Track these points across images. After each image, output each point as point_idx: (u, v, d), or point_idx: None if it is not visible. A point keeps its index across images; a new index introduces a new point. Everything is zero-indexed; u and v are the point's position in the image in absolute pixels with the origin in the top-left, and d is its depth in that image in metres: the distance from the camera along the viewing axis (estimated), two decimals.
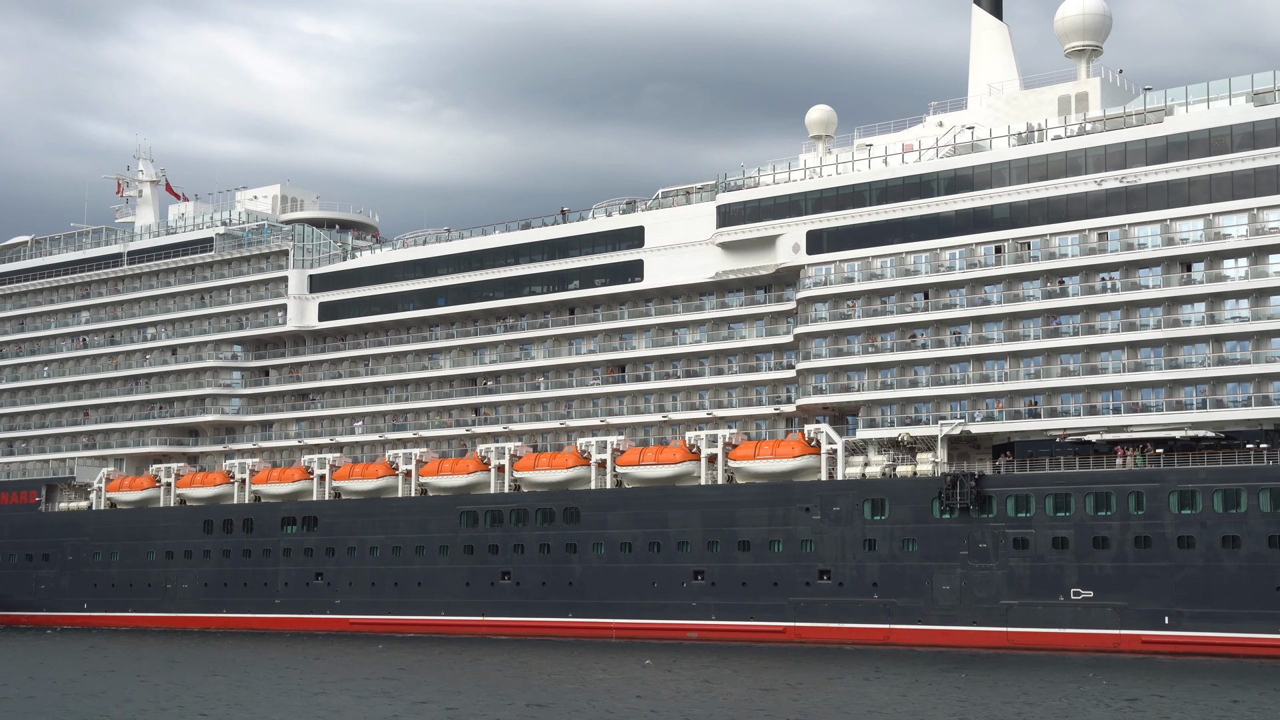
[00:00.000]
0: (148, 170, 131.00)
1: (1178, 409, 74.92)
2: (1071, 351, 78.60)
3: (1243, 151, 74.09)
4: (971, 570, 78.30)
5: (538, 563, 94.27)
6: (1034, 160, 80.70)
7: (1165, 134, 76.53)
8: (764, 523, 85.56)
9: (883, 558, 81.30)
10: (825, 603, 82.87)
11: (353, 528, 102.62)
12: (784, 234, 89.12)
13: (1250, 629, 70.03)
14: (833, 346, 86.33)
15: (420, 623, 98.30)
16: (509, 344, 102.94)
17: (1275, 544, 69.89)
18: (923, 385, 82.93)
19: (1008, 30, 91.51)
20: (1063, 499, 75.86)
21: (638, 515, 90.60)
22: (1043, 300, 79.59)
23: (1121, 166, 77.72)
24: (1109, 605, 74.03)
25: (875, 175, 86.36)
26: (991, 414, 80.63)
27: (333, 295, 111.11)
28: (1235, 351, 74.02)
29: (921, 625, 79.53)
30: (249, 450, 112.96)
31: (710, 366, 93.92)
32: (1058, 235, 79.60)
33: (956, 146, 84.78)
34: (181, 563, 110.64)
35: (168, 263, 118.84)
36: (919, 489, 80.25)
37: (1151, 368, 75.97)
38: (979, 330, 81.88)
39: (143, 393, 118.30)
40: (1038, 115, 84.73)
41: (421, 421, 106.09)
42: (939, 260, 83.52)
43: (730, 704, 55.69)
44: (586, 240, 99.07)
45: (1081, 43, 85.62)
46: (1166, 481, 73.08)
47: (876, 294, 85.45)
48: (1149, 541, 73.26)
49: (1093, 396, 77.70)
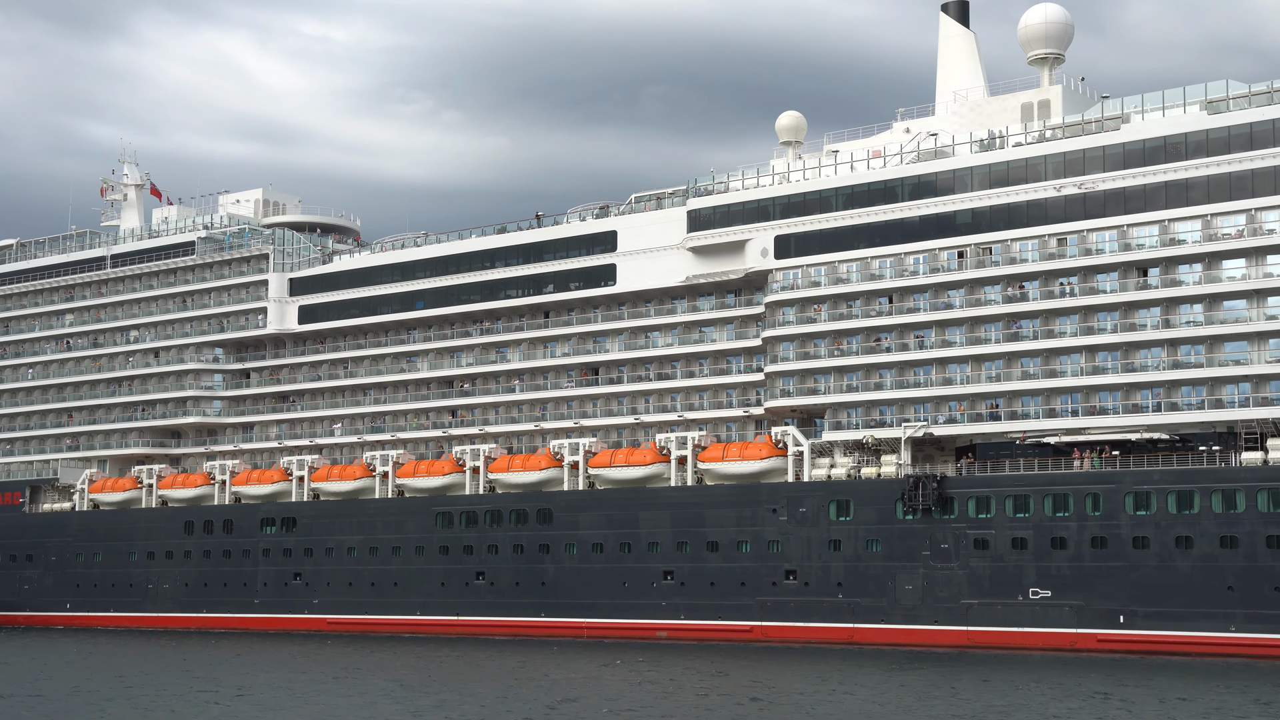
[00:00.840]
0: (133, 174, 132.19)
1: (1134, 412, 76.25)
2: (1031, 355, 79.90)
3: (1197, 159, 75.39)
4: (933, 570, 79.59)
5: (511, 563, 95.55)
6: (995, 167, 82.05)
7: (1122, 141, 77.85)
8: (732, 524, 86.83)
9: (847, 558, 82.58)
10: (791, 602, 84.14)
11: (331, 528, 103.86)
12: (753, 239, 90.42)
13: (1202, 628, 71.33)
14: (799, 350, 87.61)
15: (397, 622, 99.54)
16: (485, 347, 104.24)
17: (1226, 544, 71.20)
18: (887, 388, 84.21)
19: (974, 38, 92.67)
20: (1022, 500, 77.16)
21: (609, 516, 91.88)
22: (1003, 305, 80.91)
23: (1080, 173, 79.02)
24: (1066, 605, 75.31)
25: (841, 181, 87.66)
26: (954, 416, 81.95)
27: (312, 298, 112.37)
28: (1190, 355, 75.34)
29: (885, 624, 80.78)
30: (230, 452, 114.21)
31: (682, 369, 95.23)
32: (1018, 240, 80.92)
33: (920, 153, 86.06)
34: (163, 563, 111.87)
35: (150, 266, 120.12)
36: (883, 490, 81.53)
37: (1108, 371, 77.29)
38: (942, 334, 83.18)
39: (126, 395, 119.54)
40: (1001, 122, 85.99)
41: (399, 424, 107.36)
42: (903, 265, 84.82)
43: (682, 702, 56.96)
44: (560, 244, 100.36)
45: (1044, 51, 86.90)
46: (1122, 483, 74.39)
47: (842, 298, 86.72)
48: (1105, 542, 74.57)
49: (1052, 399, 79.03)
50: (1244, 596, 70.41)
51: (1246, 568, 70.55)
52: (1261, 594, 69.99)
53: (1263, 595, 69.94)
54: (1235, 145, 74.39)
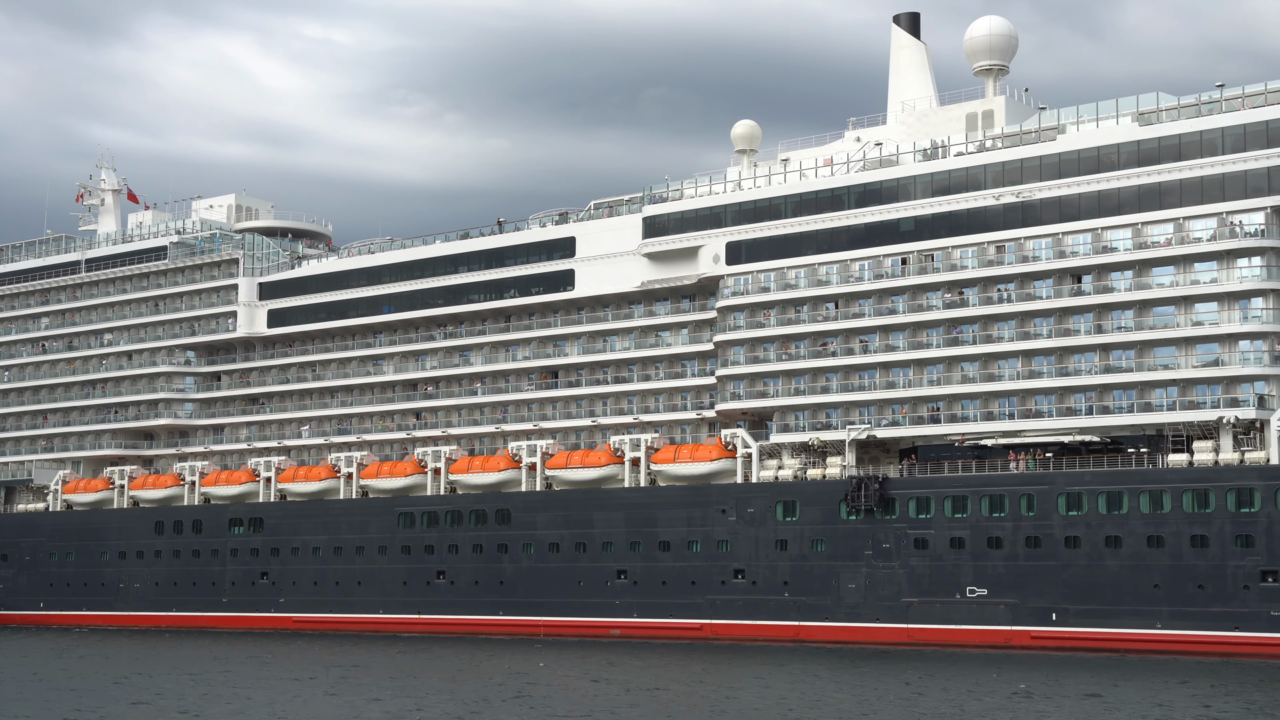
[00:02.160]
0: (110, 179, 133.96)
1: (1068, 415, 78.30)
2: (970, 359, 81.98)
3: (1128, 169, 77.49)
4: (875, 569, 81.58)
5: (471, 562, 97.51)
6: (937, 176, 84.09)
7: (1058, 152, 79.93)
8: (683, 524, 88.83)
9: (793, 557, 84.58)
10: (740, 601, 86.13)
11: (296, 529, 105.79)
12: (705, 245, 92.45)
13: (1130, 625, 73.41)
14: (749, 354, 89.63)
15: (360, 621, 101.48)
16: (449, 350, 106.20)
17: (1153, 544, 73.25)
18: (833, 391, 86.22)
19: (925, 49, 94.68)
20: (960, 501, 79.19)
21: (565, 516, 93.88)
22: (943, 310, 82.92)
23: (1018, 182, 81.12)
24: (1001, 603, 77.34)
25: (790, 189, 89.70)
26: (896, 419, 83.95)
27: (281, 302, 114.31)
28: (1121, 360, 77.39)
29: (829, 622, 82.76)
30: (201, 453, 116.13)
31: (638, 373, 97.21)
32: (959, 248, 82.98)
33: (867, 162, 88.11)
34: (134, 563, 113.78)
35: (123, 270, 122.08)
36: (827, 491, 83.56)
37: (1044, 375, 79.32)
38: (886, 339, 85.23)
39: (99, 397, 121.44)
40: (947, 131, 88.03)
41: (365, 426, 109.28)
42: (849, 271, 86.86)
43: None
44: (521, 250, 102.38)
45: (988, 62, 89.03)
46: (1055, 484, 76.43)
47: (790, 303, 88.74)
48: (1039, 542, 76.61)
49: (990, 402, 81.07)
50: (1169, 594, 72.47)
51: (1172, 566, 72.60)
52: (1185, 591, 72.05)
53: (1186, 593, 72.00)
54: (1164, 156, 76.46)
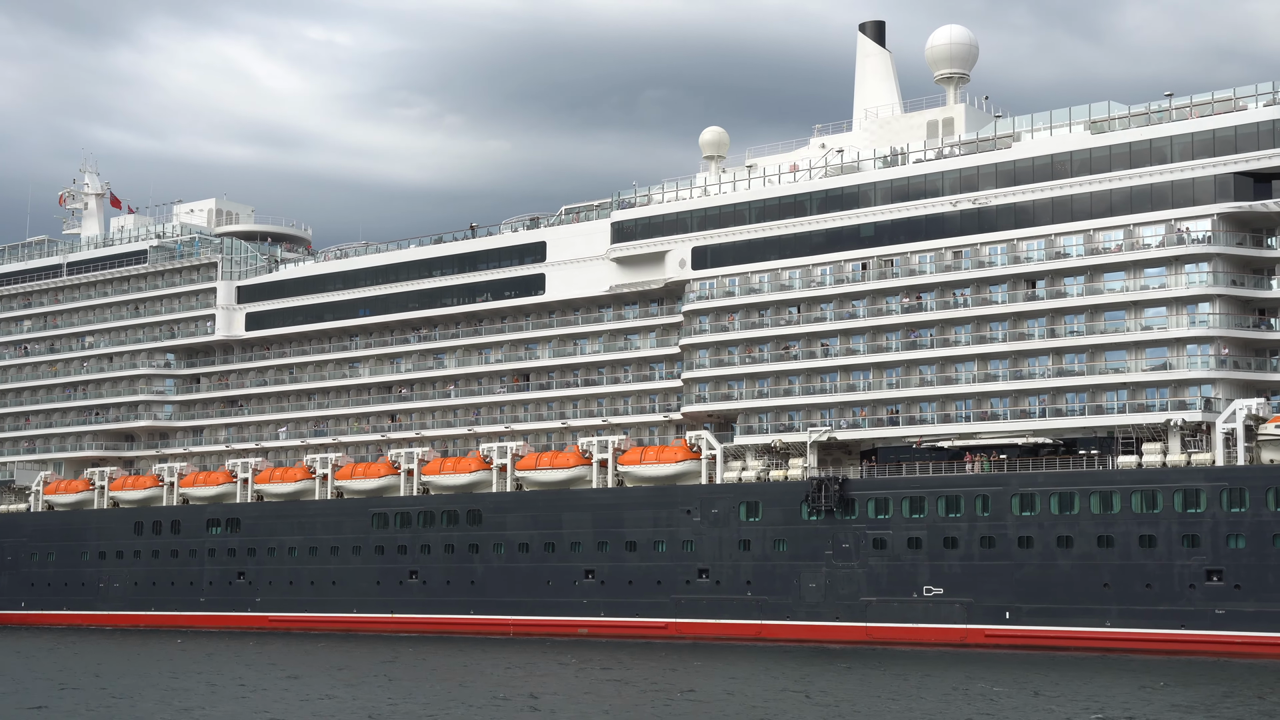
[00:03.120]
0: (94, 183, 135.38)
1: (1022, 417, 79.84)
2: (928, 363, 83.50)
3: (1080, 176, 79.05)
4: (835, 569, 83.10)
5: (443, 562, 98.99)
6: (896, 182, 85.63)
7: (1013, 159, 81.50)
8: (649, 524, 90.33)
9: (756, 557, 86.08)
10: (704, 600, 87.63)
11: (273, 529, 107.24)
12: (672, 250, 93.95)
13: (1081, 623, 74.94)
14: (714, 357, 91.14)
15: (334, 620, 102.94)
16: (423, 353, 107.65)
17: (1103, 543, 74.79)
18: (796, 394, 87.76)
19: (890, 57, 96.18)
20: (917, 502, 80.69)
21: (534, 517, 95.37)
22: (902, 315, 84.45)
23: (975, 188, 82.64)
24: (957, 601, 78.87)
25: (754, 195, 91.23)
26: (856, 421, 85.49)
27: (259, 306, 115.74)
28: (1073, 364, 78.92)
29: (790, 621, 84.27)
30: (180, 454, 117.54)
31: (607, 376, 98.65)
32: (917, 253, 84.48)
33: (828, 169, 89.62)
34: (114, 563, 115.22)
35: (104, 274, 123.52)
36: (789, 492, 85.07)
37: (999, 378, 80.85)
38: (846, 342, 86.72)
39: (80, 399, 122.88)
40: (909, 139, 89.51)
41: (341, 427, 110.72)
42: (811, 276, 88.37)
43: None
44: (493, 255, 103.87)
45: (949, 70, 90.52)
46: (1009, 485, 77.98)
47: (754, 307, 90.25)
48: (993, 542, 78.15)
49: (947, 405, 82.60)
50: (1118, 593, 74.01)
51: (1121, 566, 74.15)
52: (1134, 591, 73.58)
53: (1135, 592, 73.54)
54: (1116, 164, 78.02)
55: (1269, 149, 73.76)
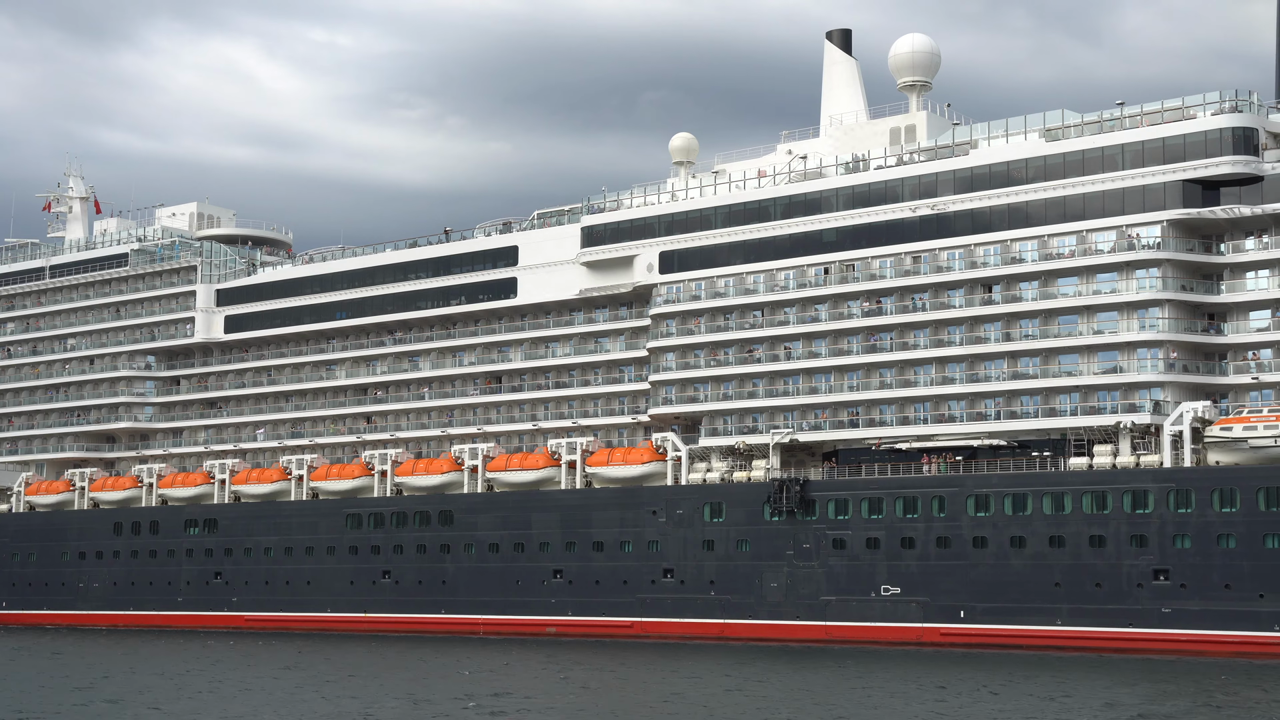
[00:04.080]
0: (78, 187, 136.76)
1: (978, 419, 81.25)
2: (888, 366, 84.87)
3: (1035, 183, 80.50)
4: (796, 569, 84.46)
5: (415, 562, 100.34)
6: (858, 189, 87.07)
7: (970, 166, 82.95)
8: (616, 525, 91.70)
9: (719, 557, 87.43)
10: (669, 599, 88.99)
11: (249, 529, 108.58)
12: (640, 254, 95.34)
13: (1033, 621, 76.31)
14: (680, 360, 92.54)
15: (309, 619, 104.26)
16: (398, 356, 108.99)
17: (1055, 543, 76.17)
18: (759, 397, 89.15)
19: (856, 64, 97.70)
20: (876, 502, 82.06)
21: (504, 518, 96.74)
22: (862, 319, 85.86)
23: (933, 195, 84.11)
24: (913, 601, 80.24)
25: (720, 200, 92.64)
26: (818, 424, 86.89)
27: (238, 309, 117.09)
28: (1028, 367, 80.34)
29: (752, 620, 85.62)
30: (160, 455, 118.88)
31: (578, 378, 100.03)
32: (877, 258, 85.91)
33: (792, 175, 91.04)
34: (93, 563, 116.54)
35: (85, 277, 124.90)
36: (751, 493, 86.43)
37: (956, 381, 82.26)
38: (809, 346, 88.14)
39: (62, 400, 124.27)
40: (873, 145, 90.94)
41: (318, 429, 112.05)
42: (774, 280, 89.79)
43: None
44: (467, 259, 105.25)
45: (912, 78, 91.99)
46: (964, 486, 79.36)
47: (719, 311, 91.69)
48: (948, 542, 79.54)
49: (905, 407, 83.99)
50: (1069, 592, 75.39)
51: (1072, 565, 75.54)
52: (1084, 590, 74.97)
53: (1085, 591, 74.93)
54: (1069, 171, 79.48)
55: (1217, 157, 75.19)
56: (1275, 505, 70.35)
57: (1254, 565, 70.65)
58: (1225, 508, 71.57)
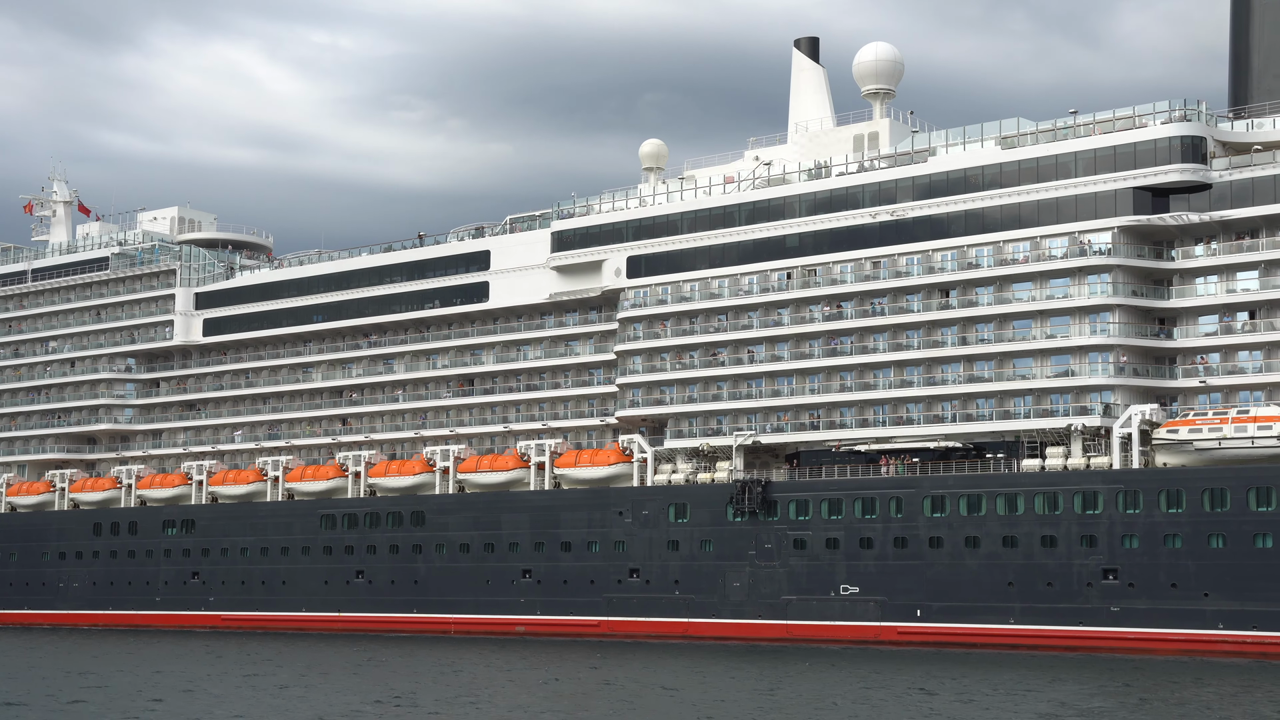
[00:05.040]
0: (62, 190, 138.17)
1: (935, 422, 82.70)
2: (848, 369, 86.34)
3: (991, 190, 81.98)
4: (758, 569, 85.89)
5: (388, 562, 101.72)
6: (820, 195, 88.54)
7: (928, 173, 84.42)
8: (583, 525, 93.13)
9: (684, 557, 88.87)
10: (635, 599, 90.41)
11: (226, 530, 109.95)
12: (608, 259, 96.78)
13: (986, 620, 77.76)
14: (647, 363, 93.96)
15: (284, 619, 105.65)
16: (373, 359, 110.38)
17: (1008, 543, 77.63)
18: (723, 399, 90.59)
19: (824, 72, 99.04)
20: (835, 503, 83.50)
21: (475, 518, 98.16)
22: (824, 323, 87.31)
23: (892, 201, 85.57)
24: (871, 600, 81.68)
25: (686, 206, 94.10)
26: (780, 426, 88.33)
27: (216, 312, 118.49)
28: (983, 371, 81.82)
29: (715, 619, 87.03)
30: (140, 457, 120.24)
31: (548, 381, 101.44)
32: (838, 263, 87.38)
33: (757, 181, 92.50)
34: (73, 563, 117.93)
35: (67, 280, 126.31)
36: (715, 494, 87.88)
37: (914, 384, 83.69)
38: (772, 349, 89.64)
39: (43, 402, 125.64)
40: (837, 152, 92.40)
41: (295, 431, 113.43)
42: (738, 285, 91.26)
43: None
44: (440, 263, 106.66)
45: (875, 86, 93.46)
46: (921, 487, 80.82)
47: (685, 315, 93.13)
48: (905, 542, 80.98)
49: (865, 410, 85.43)
50: (1021, 591, 76.85)
51: (1024, 565, 76.99)
52: (1036, 589, 76.42)
53: (1037, 590, 76.38)
54: (1024, 178, 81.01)
55: (1166, 165, 76.69)
56: (1219, 506, 71.82)
57: (1199, 565, 72.13)
58: (1172, 508, 73.04)
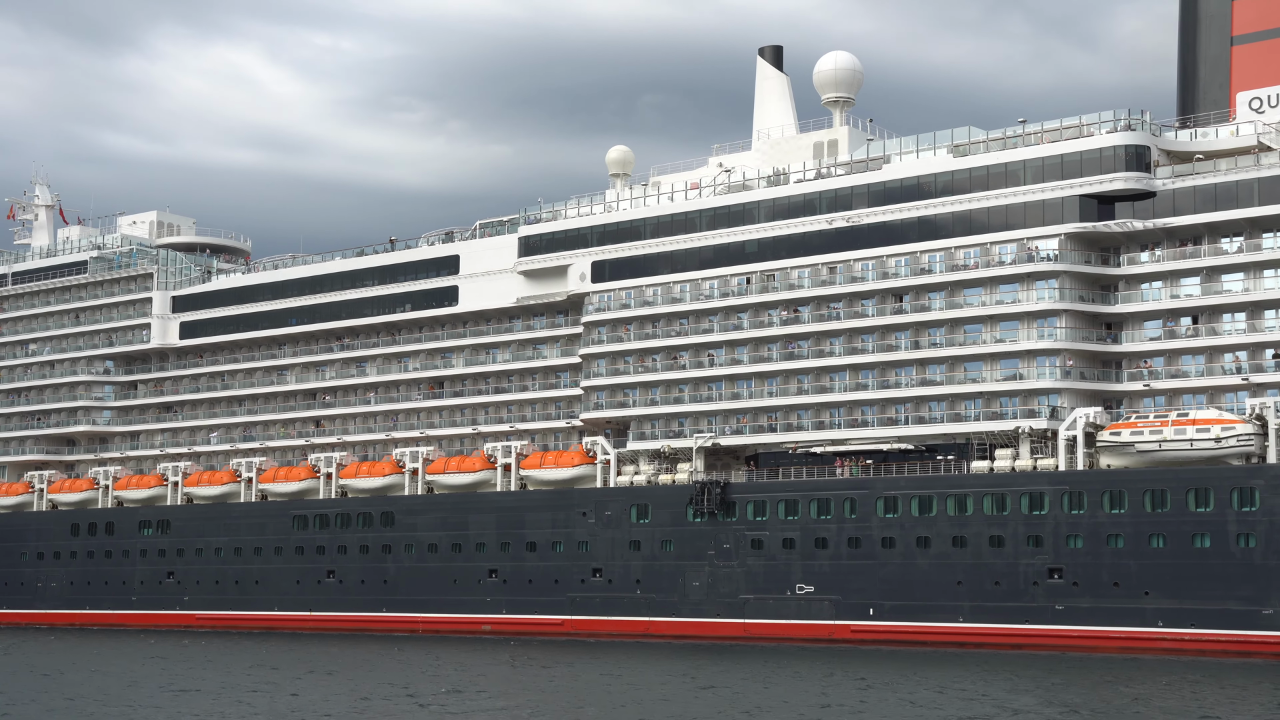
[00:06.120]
0: (44, 195, 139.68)
1: (889, 424, 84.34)
2: (805, 373, 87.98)
3: (943, 197, 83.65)
4: (717, 568, 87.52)
5: (358, 562, 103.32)
6: (779, 201, 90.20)
7: (883, 180, 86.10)
8: (548, 526, 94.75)
9: (645, 557, 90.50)
10: (597, 598, 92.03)
11: (200, 531, 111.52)
12: (573, 264, 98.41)
13: (937, 618, 79.40)
14: (611, 366, 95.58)
15: (257, 618, 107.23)
16: (345, 362, 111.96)
17: (958, 543, 79.27)
18: (685, 402, 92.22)
19: (787, 80, 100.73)
20: (792, 504, 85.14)
21: (443, 519, 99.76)
22: (781, 327, 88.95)
23: (848, 208, 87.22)
24: (826, 599, 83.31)
25: (650, 212, 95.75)
26: (739, 428, 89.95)
27: (192, 315, 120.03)
28: (935, 374, 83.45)
29: (675, 618, 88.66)
30: (118, 459, 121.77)
31: (516, 384, 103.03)
32: (796, 268, 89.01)
33: (717, 187, 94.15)
34: (51, 563, 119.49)
35: (46, 284, 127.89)
36: (675, 495, 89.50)
37: (869, 388, 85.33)
38: (732, 353, 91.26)
39: (23, 404, 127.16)
40: (798, 159, 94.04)
41: (269, 433, 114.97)
42: (699, 290, 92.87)
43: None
44: (411, 268, 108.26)
45: (835, 94, 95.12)
46: (874, 488, 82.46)
47: (648, 319, 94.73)
48: (859, 542, 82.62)
49: (821, 413, 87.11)
50: (970, 590, 78.50)
51: (973, 565, 78.64)
52: (984, 588, 78.07)
53: (985, 589, 78.02)
54: (975, 185, 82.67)
55: (1111, 173, 78.34)
56: (1160, 507, 73.48)
57: (1140, 564, 73.79)
58: (1114, 509, 74.69)
